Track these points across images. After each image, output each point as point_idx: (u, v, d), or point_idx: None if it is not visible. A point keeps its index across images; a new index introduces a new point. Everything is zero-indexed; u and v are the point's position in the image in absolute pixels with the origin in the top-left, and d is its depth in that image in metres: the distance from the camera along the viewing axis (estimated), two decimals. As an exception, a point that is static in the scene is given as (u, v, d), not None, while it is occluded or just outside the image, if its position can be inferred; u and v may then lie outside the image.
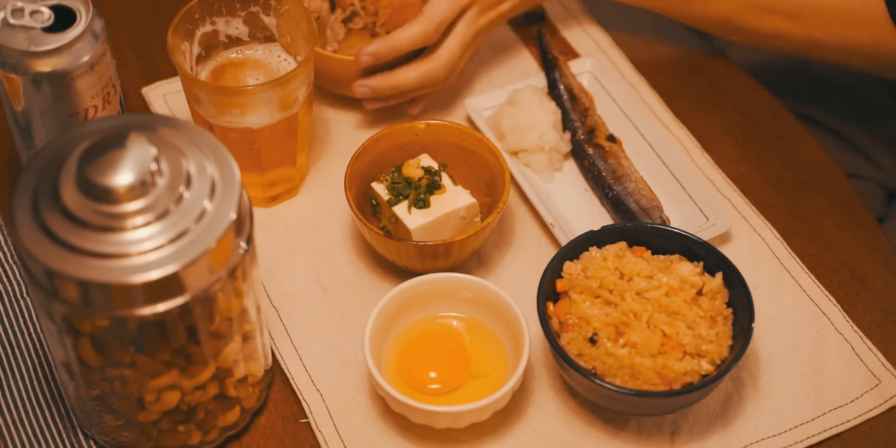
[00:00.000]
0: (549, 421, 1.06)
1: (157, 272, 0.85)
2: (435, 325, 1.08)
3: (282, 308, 1.12)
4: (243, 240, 0.91)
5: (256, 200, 1.17)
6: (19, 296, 1.12)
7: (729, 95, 1.25)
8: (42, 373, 1.07)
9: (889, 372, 1.08)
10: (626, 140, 1.21)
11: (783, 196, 1.19)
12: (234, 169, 0.90)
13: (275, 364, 1.09)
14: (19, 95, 1.04)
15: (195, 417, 0.99)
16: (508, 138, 1.19)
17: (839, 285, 1.13)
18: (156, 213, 0.86)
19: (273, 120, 1.10)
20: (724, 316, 1.03)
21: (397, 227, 1.11)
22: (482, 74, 1.27)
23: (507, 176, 1.11)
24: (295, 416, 1.06)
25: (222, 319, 0.93)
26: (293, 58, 1.15)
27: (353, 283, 1.13)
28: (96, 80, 1.05)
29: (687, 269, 1.04)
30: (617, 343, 1.01)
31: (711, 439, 1.05)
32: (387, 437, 1.04)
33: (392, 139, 1.14)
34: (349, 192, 1.10)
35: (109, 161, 0.86)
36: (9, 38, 1.01)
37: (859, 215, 1.18)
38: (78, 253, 0.85)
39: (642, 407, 1.02)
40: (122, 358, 0.92)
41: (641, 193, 1.15)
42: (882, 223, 1.19)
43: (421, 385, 1.05)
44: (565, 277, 1.04)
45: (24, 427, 1.05)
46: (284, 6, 1.13)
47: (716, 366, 1.01)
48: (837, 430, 1.05)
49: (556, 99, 1.21)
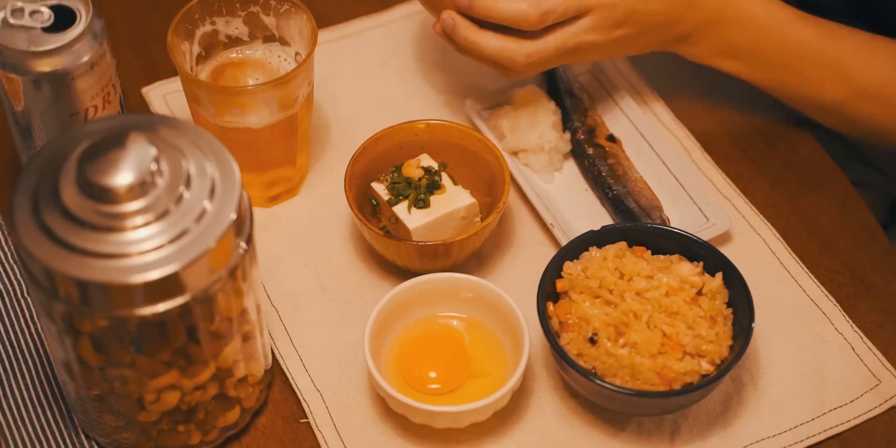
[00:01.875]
0: (549, 421, 1.06)
1: (157, 272, 0.85)
2: (435, 325, 1.08)
3: (282, 308, 1.12)
4: (243, 240, 0.91)
5: (256, 200, 1.17)
6: (19, 296, 1.12)
7: (729, 95, 1.25)
8: (43, 373, 1.07)
9: (889, 372, 1.08)
10: (626, 140, 1.21)
11: (783, 196, 1.19)
12: (234, 169, 0.90)
13: (275, 364, 1.09)
14: (19, 95, 1.04)
15: (195, 417, 0.99)
16: (508, 138, 1.19)
17: (839, 285, 1.13)
18: (156, 213, 0.86)
19: (273, 120, 1.10)
20: (724, 316, 1.03)
21: (397, 227, 1.11)
22: (482, 74, 1.27)
23: (507, 176, 1.11)
24: (295, 416, 1.06)
25: (222, 319, 0.93)
26: (293, 58, 1.15)
27: (353, 283, 1.13)
28: (96, 80, 1.05)
29: (687, 269, 1.04)
30: (617, 343, 1.01)
31: (711, 439, 1.05)
32: (387, 437, 1.05)
33: (392, 139, 1.14)
34: (349, 192, 1.10)
35: (109, 161, 0.86)
36: (9, 38, 1.01)
37: (859, 215, 1.18)
38: (78, 253, 0.85)
39: (642, 407, 1.02)
40: (122, 358, 0.92)
41: (641, 193, 1.15)
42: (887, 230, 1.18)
43: (421, 385, 1.05)
44: (565, 277, 1.04)
45: (25, 427, 1.05)
46: (284, 6, 1.13)
47: (716, 366, 1.01)
48: (837, 430, 1.05)
49: (556, 99, 1.21)
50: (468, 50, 1.11)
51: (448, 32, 1.12)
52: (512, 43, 1.09)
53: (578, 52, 1.11)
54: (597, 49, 1.12)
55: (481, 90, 1.25)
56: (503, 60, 1.10)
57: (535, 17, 1.07)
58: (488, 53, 1.10)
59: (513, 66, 1.11)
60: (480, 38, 1.10)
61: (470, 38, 1.10)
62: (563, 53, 1.11)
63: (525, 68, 1.11)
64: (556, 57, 1.11)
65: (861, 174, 1.31)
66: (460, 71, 1.27)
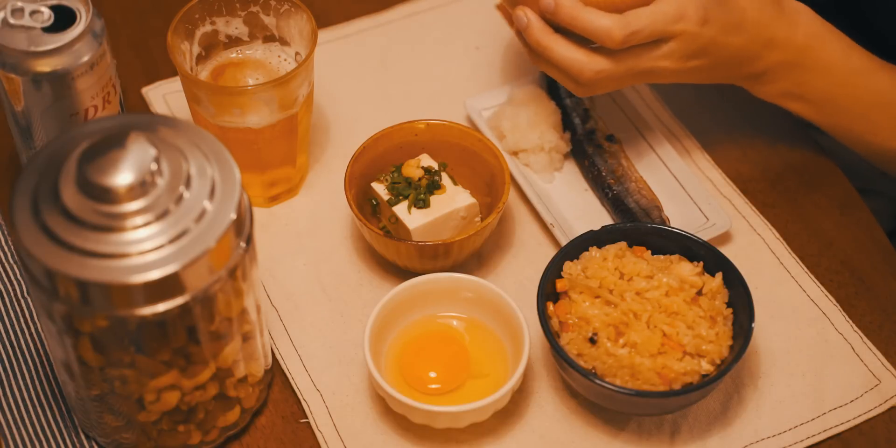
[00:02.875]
0: (549, 421, 1.06)
1: (157, 272, 0.85)
2: (435, 325, 1.08)
3: (282, 308, 1.12)
4: (243, 240, 0.91)
5: (256, 200, 1.17)
6: (19, 296, 1.12)
7: (729, 95, 1.25)
8: (43, 373, 1.07)
9: (889, 372, 1.08)
10: (626, 140, 1.21)
11: (783, 196, 1.19)
12: (234, 169, 0.90)
13: (275, 364, 1.09)
14: (19, 95, 1.04)
15: (195, 417, 0.99)
16: (508, 138, 1.19)
17: (839, 285, 1.13)
18: (156, 213, 0.86)
19: (273, 120, 1.10)
20: (724, 316, 1.03)
21: (397, 227, 1.11)
22: (482, 74, 1.27)
23: (507, 176, 1.11)
24: (295, 416, 1.06)
25: (222, 319, 0.94)
26: (293, 58, 1.15)
27: (353, 283, 1.13)
28: (96, 80, 1.05)
29: (687, 269, 1.04)
30: (617, 343, 1.01)
31: (711, 439, 1.05)
32: (387, 437, 1.05)
33: (392, 139, 1.14)
34: (349, 192, 1.10)
35: (109, 161, 0.86)
36: (9, 38, 1.01)
37: (859, 215, 1.18)
38: (78, 253, 0.85)
39: (642, 407, 1.02)
40: (122, 358, 0.92)
41: (641, 193, 1.15)
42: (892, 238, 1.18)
43: (421, 385, 1.05)
44: (565, 277, 1.04)
45: (25, 427, 1.05)
46: (284, 6, 1.13)
47: (716, 366, 1.01)
48: (837, 430, 1.05)
49: (555, 99, 1.21)
50: (537, 52, 1.07)
51: (520, 30, 1.08)
52: (584, 55, 1.05)
53: (647, 76, 1.08)
54: (666, 75, 1.08)
55: (481, 90, 1.25)
56: (571, 71, 1.06)
57: (620, 37, 1.03)
58: (557, 61, 1.06)
59: (580, 79, 1.06)
60: (552, 44, 1.06)
61: (542, 42, 1.06)
62: (633, 75, 1.07)
63: (591, 83, 1.07)
64: (626, 77, 1.07)
65: (868, 182, 1.30)
66: (460, 71, 1.27)
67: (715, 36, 1.06)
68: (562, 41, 1.06)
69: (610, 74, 1.06)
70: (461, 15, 1.32)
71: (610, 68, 1.05)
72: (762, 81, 1.12)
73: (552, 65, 1.07)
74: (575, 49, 1.05)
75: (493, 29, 1.30)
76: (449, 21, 1.31)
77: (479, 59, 1.28)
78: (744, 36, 1.07)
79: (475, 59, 1.28)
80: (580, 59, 1.05)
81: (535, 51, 1.07)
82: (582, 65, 1.05)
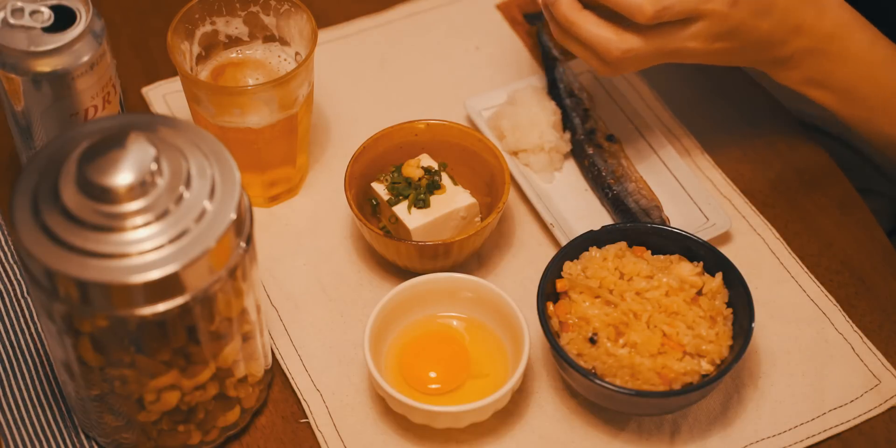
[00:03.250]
0: (549, 421, 1.06)
1: (157, 272, 0.85)
2: (435, 325, 1.08)
3: (282, 308, 1.12)
4: (243, 240, 0.91)
5: (256, 200, 1.17)
6: (19, 296, 1.12)
7: (729, 95, 1.25)
8: (43, 373, 1.07)
9: (889, 372, 1.08)
10: (626, 140, 1.21)
11: (783, 196, 1.19)
12: (234, 169, 0.90)
13: (275, 364, 1.09)
14: (19, 95, 1.04)
15: (195, 417, 0.99)
16: (508, 138, 1.19)
17: (839, 285, 1.13)
18: (156, 213, 0.86)
19: (273, 120, 1.10)
20: (724, 316, 1.03)
21: (397, 227, 1.11)
22: (482, 74, 1.27)
23: (507, 176, 1.11)
24: (295, 416, 1.06)
25: (222, 319, 0.94)
26: (293, 58, 1.15)
27: (353, 283, 1.13)
28: (96, 80, 1.05)
29: (687, 269, 1.04)
30: (617, 343, 1.01)
31: (711, 439, 1.05)
32: (387, 437, 1.05)
33: (392, 139, 1.14)
34: (349, 192, 1.10)
35: (109, 161, 0.86)
36: (9, 38, 1.01)
37: (859, 215, 1.18)
38: (78, 253, 0.85)
39: (642, 407, 1.02)
40: (122, 358, 0.92)
41: (641, 193, 1.15)
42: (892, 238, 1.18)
43: (421, 385, 1.05)
44: (565, 277, 1.04)
45: (25, 427, 1.05)
46: (284, 6, 1.13)
47: (716, 366, 1.01)
48: (837, 430, 1.05)
49: (556, 99, 1.21)
50: (564, 28, 1.05)
51: (548, 5, 1.06)
52: (613, 33, 1.03)
53: (674, 56, 1.07)
54: (694, 56, 1.07)
55: (481, 90, 1.25)
56: (598, 49, 1.04)
57: (651, 12, 1.01)
58: (585, 37, 1.04)
59: (607, 58, 1.04)
60: (580, 19, 1.04)
61: (569, 17, 1.04)
62: (661, 55, 1.06)
63: (618, 62, 1.05)
64: (653, 57, 1.06)
65: (868, 182, 1.30)
66: (460, 71, 1.27)
67: (744, 18, 1.05)
68: (591, 17, 1.04)
69: (637, 53, 1.04)
70: (461, 15, 1.32)
71: (638, 47, 1.04)
72: (786, 67, 1.11)
73: (579, 42, 1.06)
74: (605, 26, 1.03)
75: (493, 29, 1.30)
76: (449, 21, 1.31)
77: (479, 59, 1.28)
78: (772, 20, 1.06)
79: (475, 59, 1.28)
80: (609, 37, 1.03)
81: (563, 27, 1.05)
82: (610, 43, 1.03)
